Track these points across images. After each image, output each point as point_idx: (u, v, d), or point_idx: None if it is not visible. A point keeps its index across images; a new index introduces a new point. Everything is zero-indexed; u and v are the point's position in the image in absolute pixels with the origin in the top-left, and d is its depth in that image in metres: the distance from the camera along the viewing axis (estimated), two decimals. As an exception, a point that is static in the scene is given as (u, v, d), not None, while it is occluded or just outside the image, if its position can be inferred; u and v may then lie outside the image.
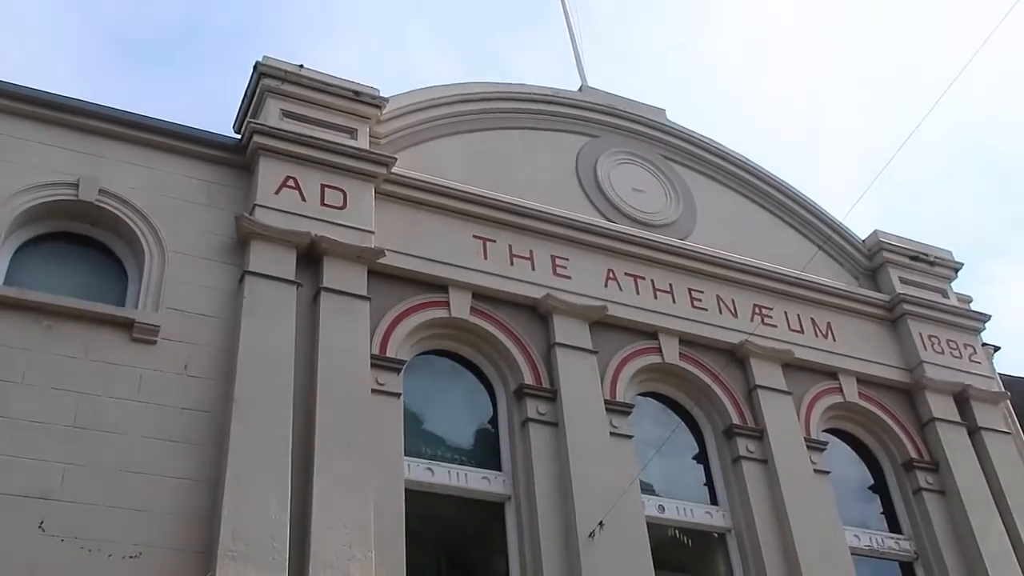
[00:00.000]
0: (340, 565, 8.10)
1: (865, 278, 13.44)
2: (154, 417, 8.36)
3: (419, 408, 9.99)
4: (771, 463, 10.76)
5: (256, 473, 8.20)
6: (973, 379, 12.70)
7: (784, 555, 10.18)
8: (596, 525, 9.26)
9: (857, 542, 11.05)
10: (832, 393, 11.96)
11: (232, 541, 7.82)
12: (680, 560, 10.43)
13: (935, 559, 11.21)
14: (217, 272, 9.38)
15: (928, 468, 11.82)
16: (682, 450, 11.14)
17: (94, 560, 7.53)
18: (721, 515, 10.62)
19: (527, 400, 10.03)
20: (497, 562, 9.48)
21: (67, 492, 7.75)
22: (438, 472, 9.54)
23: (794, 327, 12.14)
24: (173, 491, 8.08)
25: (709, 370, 11.26)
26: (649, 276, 11.59)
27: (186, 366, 8.72)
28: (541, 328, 10.64)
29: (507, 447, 9.99)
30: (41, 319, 8.45)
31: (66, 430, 8.01)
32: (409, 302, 10.11)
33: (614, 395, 10.50)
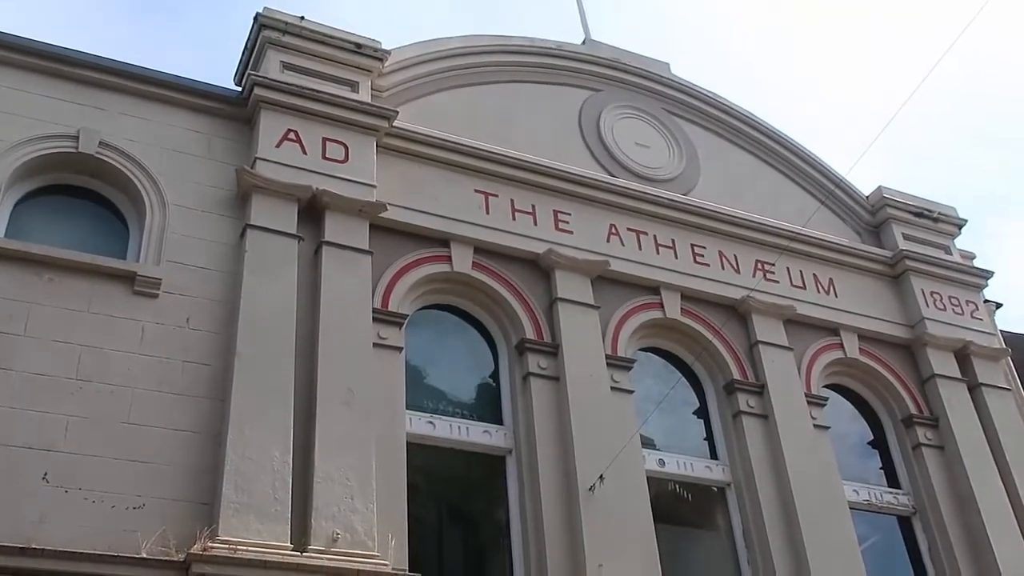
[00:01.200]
0: (342, 517, 8.17)
1: (868, 234, 13.40)
2: (156, 370, 8.38)
3: (421, 362, 10.02)
4: (771, 418, 10.81)
5: (258, 426, 8.24)
6: (974, 335, 12.73)
7: (783, 509, 10.25)
8: (596, 479, 9.32)
9: (856, 497, 11.12)
10: (833, 349, 11.98)
11: (235, 493, 7.89)
12: (679, 513, 10.51)
13: (933, 514, 11.30)
14: (218, 225, 9.36)
15: (928, 424, 11.87)
16: (683, 405, 11.18)
17: (98, 511, 7.59)
18: (721, 469, 10.68)
19: (528, 355, 10.06)
20: (498, 514, 9.56)
21: (70, 444, 7.80)
22: (439, 425, 9.59)
23: (796, 283, 12.14)
24: (176, 443, 8.13)
25: (710, 325, 11.27)
26: (651, 231, 11.57)
27: (188, 319, 8.73)
28: (543, 283, 10.64)
29: (508, 401, 10.03)
30: (42, 272, 8.44)
31: (69, 383, 8.04)
32: (411, 256, 10.10)
33: (615, 350, 10.52)
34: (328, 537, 8.03)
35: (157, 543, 7.54)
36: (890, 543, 11.34)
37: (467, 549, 9.81)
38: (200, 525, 7.73)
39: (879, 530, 11.32)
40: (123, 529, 7.55)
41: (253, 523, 7.83)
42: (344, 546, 8.01)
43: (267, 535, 7.80)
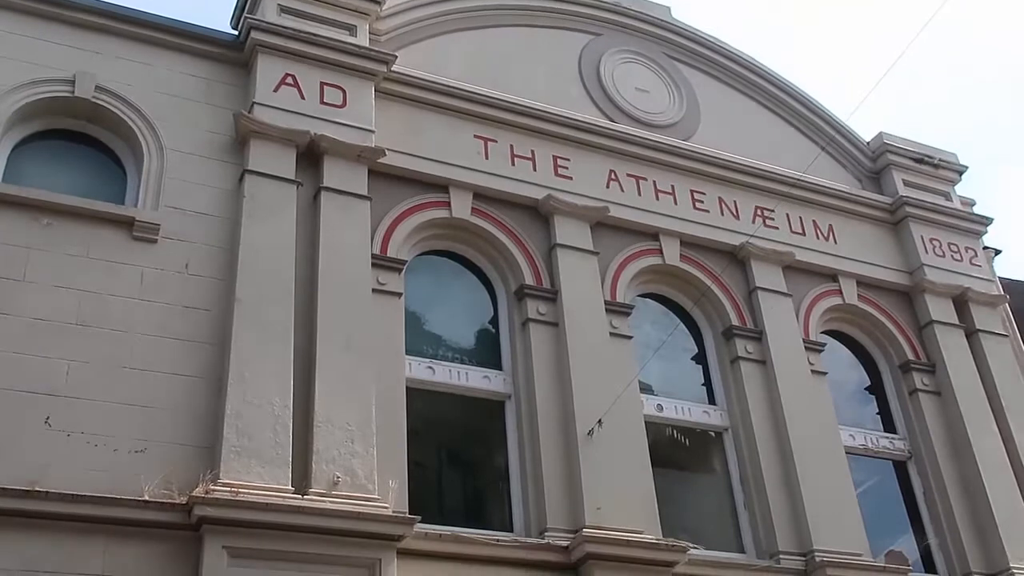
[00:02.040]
0: (342, 460, 8.24)
1: (868, 181, 13.37)
2: (157, 315, 8.40)
3: (420, 308, 10.04)
4: (769, 364, 10.86)
5: (258, 371, 8.28)
6: (973, 282, 12.75)
7: (780, 453, 10.34)
8: (595, 423, 9.38)
9: (852, 441, 11.21)
10: (832, 295, 12.00)
11: (236, 437, 7.95)
12: (677, 458, 10.60)
13: (928, 458, 11.40)
14: (216, 171, 9.32)
15: (925, 370, 11.93)
16: (681, 351, 11.23)
17: (100, 454, 7.66)
18: (719, 414, 10.75)
19: (528, 300, 10.08)
20: (497, 459, 9.64)
21: (72, 389, 7.84)
22: (439, 371, 9.63)
23: (795, 229, 12.13)
24: (177, 388, 8.17)
25: (709, 271, 11.29)
26: (651, 177, 11.53)
27: (187, 265, 8.73)
28: (542, 229, 10.62)
29: (507, 347, 10.07)
30: (40, 217, 8.43)
31: (69, 327, 8.06)
32: (410, 202, 10.08)
33: (614, 296, 10.54)
34: (329, 480, 8.10)
35: (160, 486, 7.61)
36: (886, 487, 11.46)
37: (466, 493, 9.91)
38: (202, 469, 7.79)
39: (875, 474, 11.43)
40: (126, 473, 7.62)
41: (255, 466, 7.90)
42: (345, 489, 8.09)
43: (268, 478, 7.88)
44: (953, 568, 10.82)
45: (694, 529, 9.75)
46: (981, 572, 10.67)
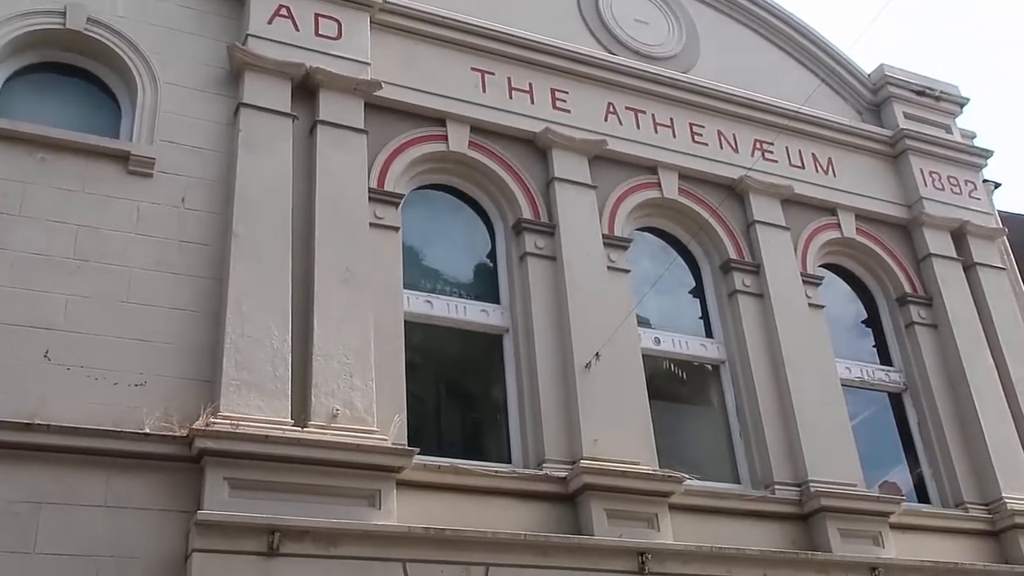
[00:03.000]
0: (341, 393, 8.30)
1: (869, 113, 13.27)
2: (154, 250, 8.39)
3: (418, 243, 10.03)
4: (767, 297, 10.89)
5: (257, 305, 8.30)
6: (971, 215, 12.74)
7: (776, 386, 10.41)
8: (592, 356, 9.43)
9: (848, 374, 11.28)
10: (830, 229, 11.99)
11: (235, 370, 7.99)
12: (674, 390, 10.67)
13: (923, 390, 11.48)
14: (211, 104, 9.24)
15: (922, 303, 11.97)
16: (679, 286, 11.24)
17: (100, 388, 7.70)
18: (716, 348, 10.80)
19: (525, 234, 10.06)
20: (495, 392, 9.70)
21: (71, 323, 7.85)
22: (437, 305, 9.65)
23: (795, 162, 12.07)
24: (175, 322, 8.19)
25: (708, 205, 11.26)
26: (650, 110, 11.45)
27: (183, 199, 8.70)
28: (540, 162, 10.57)
29: (505, 281, 10.08)
30: (35, 151, 8.37)
31: (66, 262, 8.06)
32: (406, 136, 10.01)
33: (612, 230, 10.52)
34: (328, 413, 8.17)
35: (160, 419, 7.67)
36: (881, 419, 11.56)
37: (465, 426, 9.99)
38: (202, 402, 7.85)
39: (870, 406, 11.53)
40: (126, 406, 7.67)
41: (254, 399, 7.95)
42: (344, 422, 8.16)
43: (268, 411, 7.94)
44: (946, 498, 10.96)
45: (691, 460, 9.84)
46: (974, 502, 10.80)
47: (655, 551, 8.62)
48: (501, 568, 8.04)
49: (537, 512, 8.70)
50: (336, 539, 7.58)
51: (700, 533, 9.08)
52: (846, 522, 9.70)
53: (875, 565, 9.48)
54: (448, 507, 8.34)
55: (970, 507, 10.74)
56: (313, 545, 7.51)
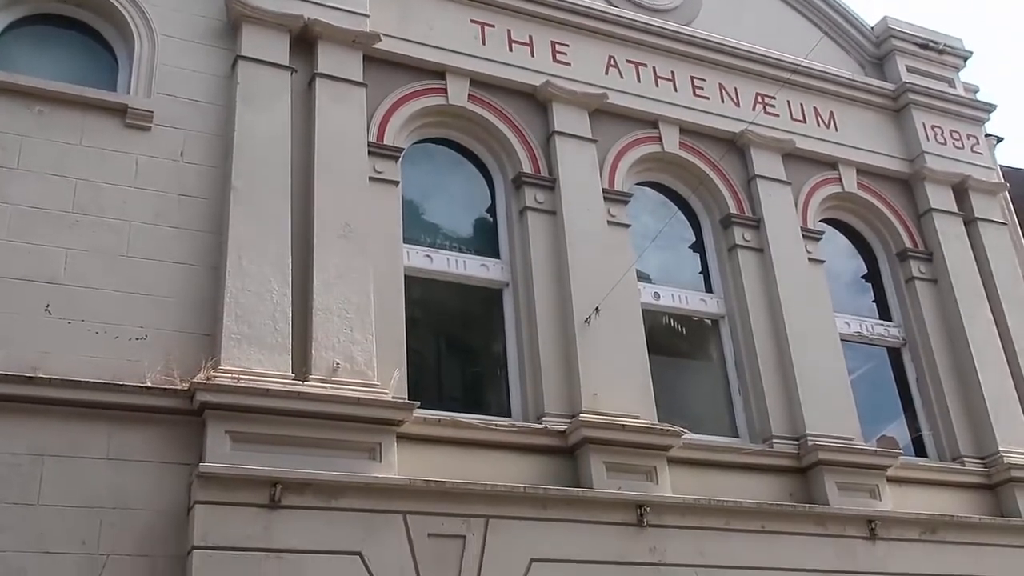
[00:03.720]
0: (342, 348, 8.32)
1: (871, 67, 13.17)
2: (152, 204, 8.37)
3: (417, 197, 10.00)
4: (767, 252, 10.88)
5: (256, 259, 8.30)
6: (973, 170, 12.69)
7: (775, 341, 10.43)
8: (592, 311, 9.44)
9: (847, 328, 11.30)
10: (831, 183, 11.95)
11: (235, 324, 8.01)
12: (674, 345, 10.70)
13: (922, 345, 11.51)
14: (209, 57, 9.16)
15: (922, 258, 11.96)
16: (679, 241, 11.23)
17: (101, 342, 7.72)
18: (715, 302, 10.81)
19: (525, 188, 10.03)
20: (495, 346, 9.73)
21: (71, 277, 7.85)
22: (437, 259, 9.64)
23: (796, 116, 12.01)
24: (175, 276, 8.18)
25: (709, 159, 11.21)
26: (651, 63, 11.36)
27: (182, 153, 8.66)
28: (540, 116, 10.51)
29: (505, 235, 10.06)
30: (32, 104, 8.31)
31: (65, 216, 8.04)
32: (406, 89, 9.94)
33: (612, 184, 10.49)
34: (328, 367, 8.20)
35: (161, 373, 7.70)
36: (879, 374, 11.60)
37: (465, 380, 10.03)
38: (203, 355, 7.87)
39: (869, 361, 11.56)
40: (127, 359, 7.70)
41: (255, 353, 7.98)
42: (344, 376, 8.19)
43: (268, 365, 7.96)
44: (943, 452, 11.03)
45: (689, 414, 9.89)
46: (971, 456, 10.87)
47: (654, 504, 8.69)
48: (500, 520, 8.11)
49: (537, 465, 8.76)
50: (337, 491, 7.65)
51: (698, 486, 9.14)
52: (843, 475, 9.77)
53: (872, 518, 9.56)
54: (448, 460, 8.39)
55: (967, 461, 10.81)
56: (314, 497, 7.57)
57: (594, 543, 8.38)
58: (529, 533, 8.18)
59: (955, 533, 9.94)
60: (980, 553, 9.95)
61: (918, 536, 9.76)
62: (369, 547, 7.60)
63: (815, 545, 9.25)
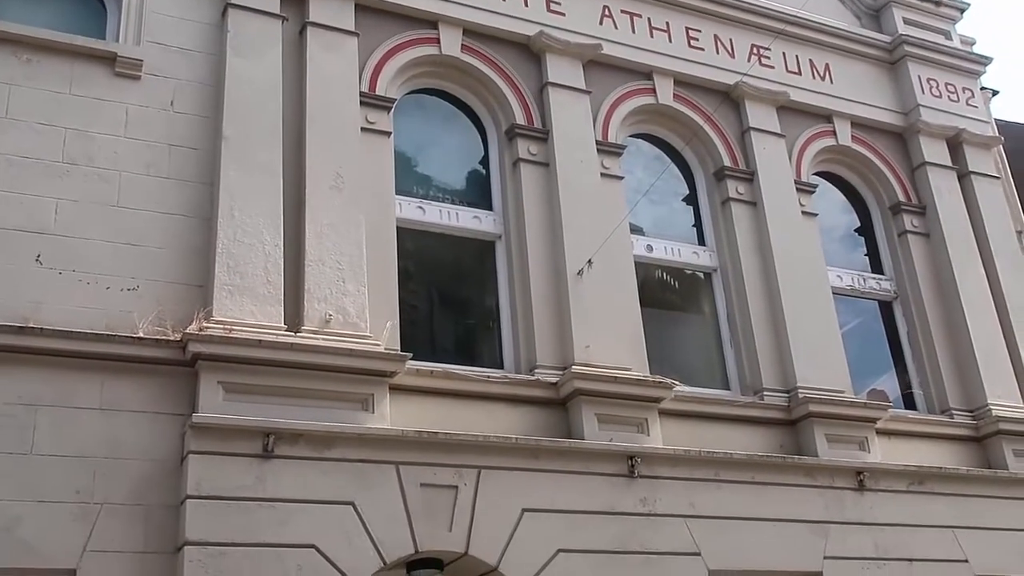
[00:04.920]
0: (334, 299, 8.32)
1: (868, 18, 13.07)
2: (143, 154, 8.32)
3: (410, 148, 9.94)
4: (760, 205, 10.86)
5: (248, 209, 8.27)
6: (968, 123, 12.65)
7: (767, 294, 10.45)
8: (585, 263, 9.44)
9: (839, 282, 11.32)
10: (825, 136, 11.91)
11: (227, 275, 8.00)
12: (666, 298, 10.72)
13: (914, 299, 11.54)
14: (199, 4, 9.07)
15: (915, 211, 11.96)
16: (672, 195, 11.20)
17: (93, 292, 7.71)
18: (708, 255, 10.81)
19: (518, 140, 9.98)
20: (487, 298, 9.74)
21: (61, 227, 7.82)
22: (429, 211, 9.61)
23: (791, 68, 11.93)
24: (167, 227, 8.16)
25: (703, 111, 11.15)
26: (645, 14, 11.25)
27: (172, 102, 8.60)
28: (534, 67, 10.42)
29: (498, 187, 10.03)
30: (20, 52, 8.23)
31: (56, 166, 7.99)
32: (398, 38, 9.84)
33: (606, 136, 10.44)
34: (321, 318, 8.20)
35: (153, 323, 7.70)
36: (871, 327, 11.64)
37: (457, 332, 10.03)
38: (195, 306, 7.87)
39: (861, 315, 11.60)
40: (119, 310, 7.70)
41: (247, 304, 7.98)
42: (336, 327, 8.20)
43: (261, 316, 7.97)
44: (932, 405, 11.10)
45: (681, 367, 9.93)
46: (960, 408, 10.95)
47: (644, 455, 8.76)
48: (492, 471, 8.17)
49: (528, 416, 8.81)
50: (330, 442, 7.69)
51: (689, 438, 9.21)
52: (833, 427, 9.84)
53: (860, 469, 9.65)
54: (441, 411, 8.43)
55: (956, 413, 10.90)
56: (307, 448, 7.62)
57: (585, 494, 8.45)
58: (521, 483, 8.24)
59: (942, 484, 10.04)
60: (967, 504, 10.06)
61: (906, 487, 9.85)
62: (361, 497, 7.66)
63: (804, 496, 9.35)
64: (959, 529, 9.88)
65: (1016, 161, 13.55)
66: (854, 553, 9.30)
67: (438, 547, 7.83)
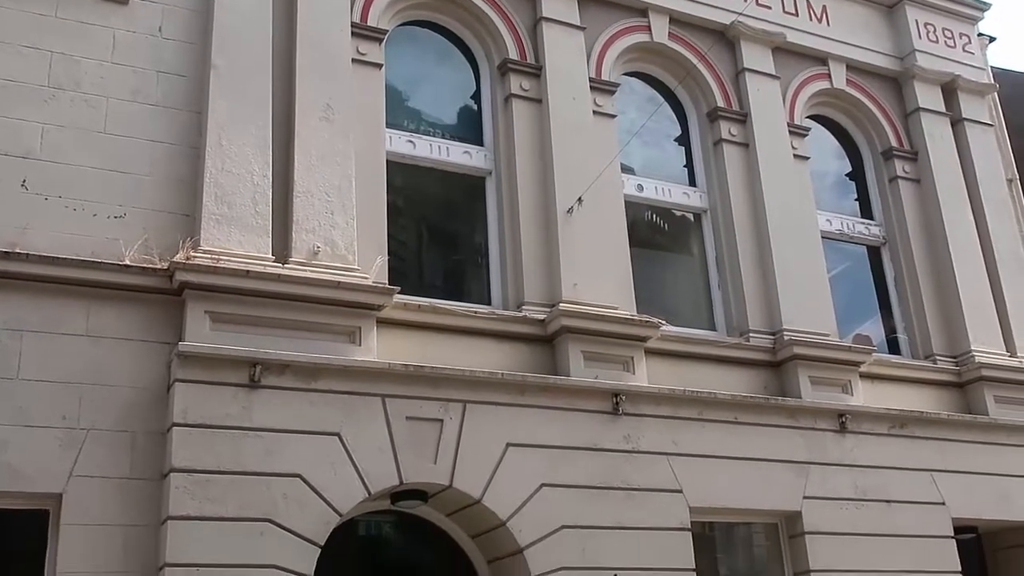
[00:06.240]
0: (322, 231, 8.29)
1: (866, -40, 12.92)
2: (130, 80, 8.21)
3: (401, 82, 9.83)
4: (752, 147, 10.81)
5: (236, 139, 8.19)
6: (963, 69, 12.57)
7: (756, 236, 10.45)
8: (575, 201, 9.40)
9: (829, 226, 11.32)
10: (820, 79, 11.82)
11: (215, 205, 7.95)
12: (655, 238, 10.71)
13: (902, 244, 11.56)
14: (188, -72, 8.89)
15: (907, 157, 11.93)
16: (664, 136, 11.13)
17: (79, 219, 7.65)
18: (698, 196, 10.78)
19: (511, 75, 9.88)
20: (476, 235, 9.71)
21: (48, 152, 7.74)
22: (420, 145, 9.54)
23: (788, 9, 11.80)
24: (154, 155, 8.08)
25: (697, 51, 11.03)
26: (642, -51, 11.09)
27: (160, 28, 8.47)
28: (527, 0, 10.28)
29: (489, 123, 9.94)
30: (4, -27, 8.08)
31: (42, 90, 7.88)
32: (390, -32, 9.69)
33: (599, 73, 10.34)
34: (309, 250, 8.18)
35: (140, 251, 7.66)
36: (858, 272, 11.67)
37: (446, 267, 10.02)
38: (182, 235, 7.83)
39: (849, 259, 11.63)
40: (105, 237, 7.65)
41: (235, 235, 7.94)
42: (325, 259, 8.18)
43: (249, 246, 7.94)
44: (916, 350, 11.18)
45: (668, 307, 9.95)
46: (943, 354, 11.03)
47: (629, 393, 8.81)
48: (478, 405, 8.21)
49: (515, 353, 8.84)
50: (316, 373, 7.71)
51: (674, 377, 9.27)
52: (817, 370, 9.90)
53: (842, 412, 9.73)
54: (428, 346, 8.45)
55: (939, 359, 10.97)
56: (294, 378, 7.63)
57: (569, 430, 8.51)
58: (506, 418, 8.30)
59: (923, 428, 10.14)
60: (946, 448, 10.18)
61: (887, 430, 9.95)
62: (347, 428, 7.70)
63: (786, 437, 9.44)
64: (938, 472, 10.00)
65: (1009, 109, 13.50)
66: (833, 494, 9.42)
67: (423, 479, 7.90)
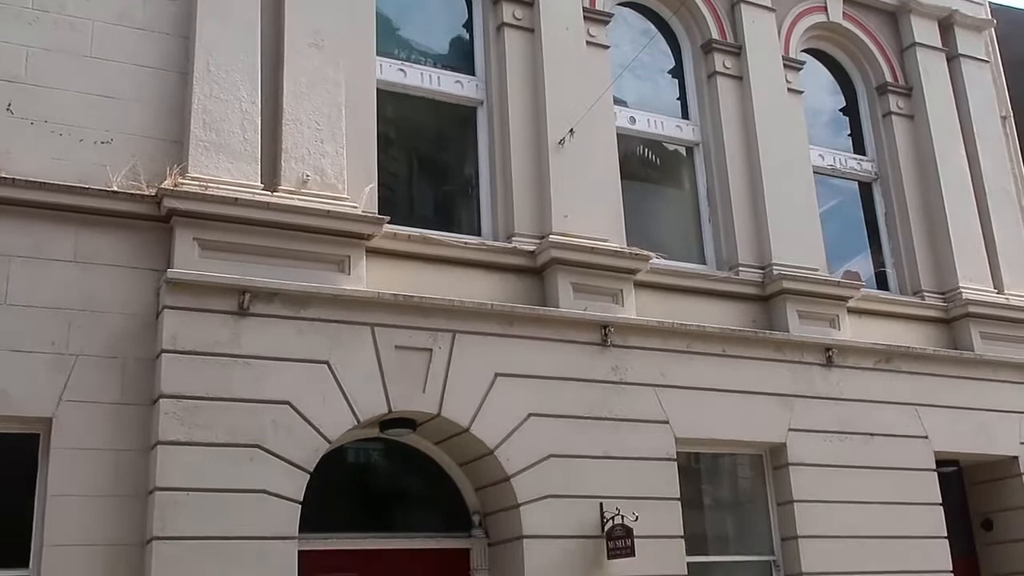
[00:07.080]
0: (311, 160, 8.24)
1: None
2: (116, 3, 8.07)
3: (391, 9, 9.68)
4: (746, 80, 10.72)
5: (225, 65, 8.10)
6: (961, 4, 12.46)
7: (748, 170, 10.41)
8: (567, 132, 9.34)
9: (821, 161, 11.28)
10: (816, 12, 11.69)
11: (203, 132, 7.88)
12: (647, 171, 10.67)
13: (894, 181, 11.54)
14: None
15: (901, 92, 11.85)
16: (658, 67, 11.03)
17: (65, 144, 7.57)
18: (691, 129, 10.72)
19: (503, 3, 9.73)
20: (467, 165, 9.66)
21: (32, 76, 7.63)
22: (410, 74, 9.44)
23: (785, -63, 11.64)
24: (141, 80, 7.97)
25: (694, -20, 10.90)
26: None
27: (147, -50, 8.31)
28: (520, -74, 10.11)
29: (481, 52, 9.83)
30: None
31: (25, 11, 7.75)
32: None
33: (593, 3, 10.20)
34: (298, 179, 8.13)
35: (127, 177, 7.60)
36: (849, 208, 11.67)
37: (436, 198, 9.99)
38: (170, 162, 7.76)
39: (840, 195, 11.61)
40: (92, 163, 7.58)
41: (223, 162, 7.88)
42: (314, 188, 8.14)
43: (237, 174, 7.89)
44: (905, 286, 11.22)
45: (659, 240, 9.93)
46: (931, 290, 11.08)
47: (618, 325, 8.85)
48: (467, 335, 8.24)
49: (504, 283, 8.85)
50: (305, 301, 7.71)
51: (663, 310, 9.30)
52: (805, 304, 9.94)
53: (829, 346, 9.80)
54: (417, 275, 8.45)
55: (927, 295, 11.02)
56: (283, 306, 7.64)
57: (558, 360, 8.56)
58: (495, 348, 8.33)
59: (909, 363, 10.23)
60: (931, 383, 10.28)
61: (873, 365, 10.03)
62: (336, 356, 7.73)
63: (773, 369, 9.51)
64: (922, 407, 10.11)
65: (1006, 46, 13.39)
66: (817, 426, 9.53)
67: (411, 408, 7.96)
